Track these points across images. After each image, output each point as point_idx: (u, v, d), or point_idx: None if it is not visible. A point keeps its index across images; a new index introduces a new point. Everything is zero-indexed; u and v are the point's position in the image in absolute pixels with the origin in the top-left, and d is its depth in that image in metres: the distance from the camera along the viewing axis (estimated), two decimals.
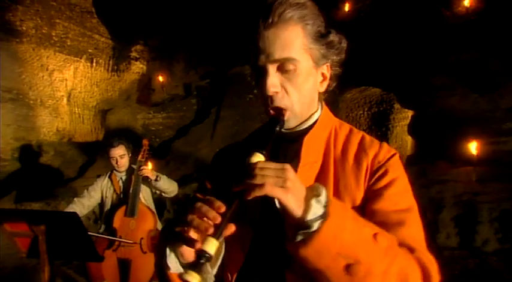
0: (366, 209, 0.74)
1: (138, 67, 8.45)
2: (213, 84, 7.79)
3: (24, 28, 6.39)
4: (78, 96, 7.36)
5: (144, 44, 8.35)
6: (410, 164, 5.16)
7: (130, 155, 2.90)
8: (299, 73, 0.74)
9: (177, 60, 8.29)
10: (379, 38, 5.79)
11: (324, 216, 0.61)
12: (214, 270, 0.75)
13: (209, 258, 0.58)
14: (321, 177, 0.77)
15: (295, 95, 0.75)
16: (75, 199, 2.88)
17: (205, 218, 0.59)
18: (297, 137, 0.80)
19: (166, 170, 5.46)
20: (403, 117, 6.48)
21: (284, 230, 0.67)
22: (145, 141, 3.07)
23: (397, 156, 0.79)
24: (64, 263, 3.58)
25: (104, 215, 2.88)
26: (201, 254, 0.58)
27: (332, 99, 6.76)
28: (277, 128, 0.74)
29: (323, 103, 0.86)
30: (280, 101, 0.75)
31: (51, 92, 6.82)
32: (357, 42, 6.02)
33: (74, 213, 1.73)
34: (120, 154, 2.78)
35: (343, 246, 0.60)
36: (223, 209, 0.59)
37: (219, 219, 0.59)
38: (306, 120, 0.81)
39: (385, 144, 0.80)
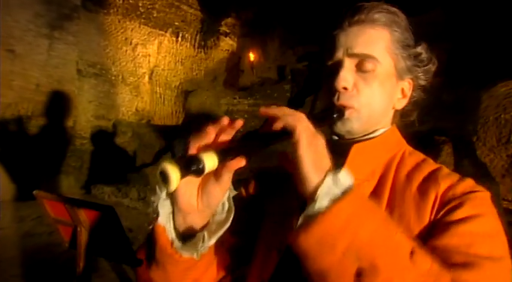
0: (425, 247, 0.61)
1: (227, 44, 8.61)
2: (312, 68, 7.57)
3: None
4: (160, 74, 7.75)
5: (236, 17, 8.50)
6: None
7: None
8: (377, 75, 0.75)
9: (272, 38, 8.26)
10: None
11: (337, 199, 0.55)
12: (212, 241, 0.69)
13: (202, 169, 0.54)
14: None
15: (366, 98, 0.75)
16: None
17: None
18: (350, 149, 0.77)
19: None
20: None
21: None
22: None
23: (485, 195, 0.68)
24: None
25: None
26: (193, 158, 0.54)
27: (468, 95, 5.85)
28: (335, 115, 0.74)
29: (395, 126, 0.84)
30: (348, 100, 0.74)
31: (133, 69, 7.20)
32: None
33: (111, 208, 1.74)
34: None
35: (355, 241, 0.53)
36: (240, 123, 0.60)
37: (227, 136, 0.59)
38: (367, 134, 0.79)
39: (470, 180, 0.70)
